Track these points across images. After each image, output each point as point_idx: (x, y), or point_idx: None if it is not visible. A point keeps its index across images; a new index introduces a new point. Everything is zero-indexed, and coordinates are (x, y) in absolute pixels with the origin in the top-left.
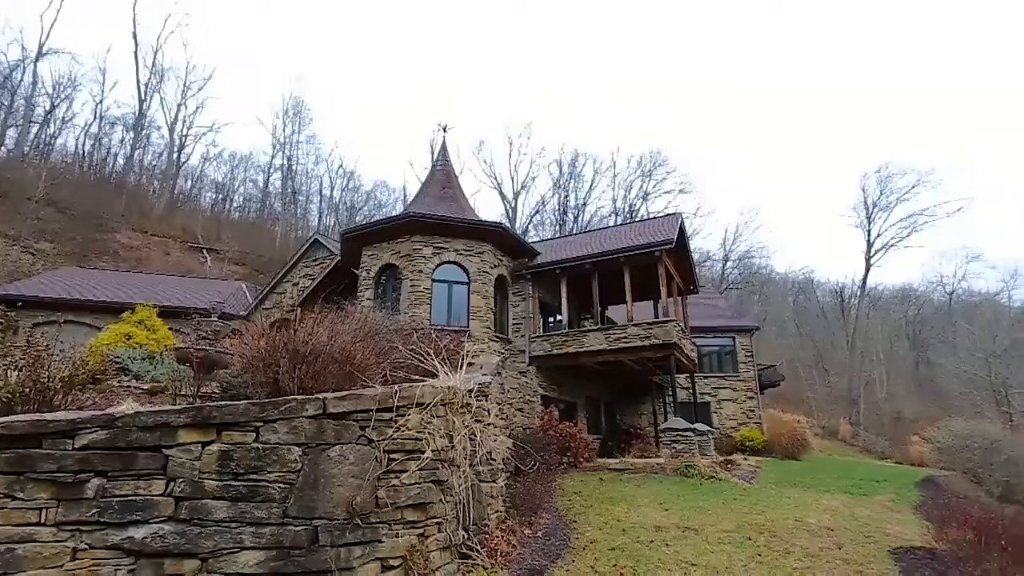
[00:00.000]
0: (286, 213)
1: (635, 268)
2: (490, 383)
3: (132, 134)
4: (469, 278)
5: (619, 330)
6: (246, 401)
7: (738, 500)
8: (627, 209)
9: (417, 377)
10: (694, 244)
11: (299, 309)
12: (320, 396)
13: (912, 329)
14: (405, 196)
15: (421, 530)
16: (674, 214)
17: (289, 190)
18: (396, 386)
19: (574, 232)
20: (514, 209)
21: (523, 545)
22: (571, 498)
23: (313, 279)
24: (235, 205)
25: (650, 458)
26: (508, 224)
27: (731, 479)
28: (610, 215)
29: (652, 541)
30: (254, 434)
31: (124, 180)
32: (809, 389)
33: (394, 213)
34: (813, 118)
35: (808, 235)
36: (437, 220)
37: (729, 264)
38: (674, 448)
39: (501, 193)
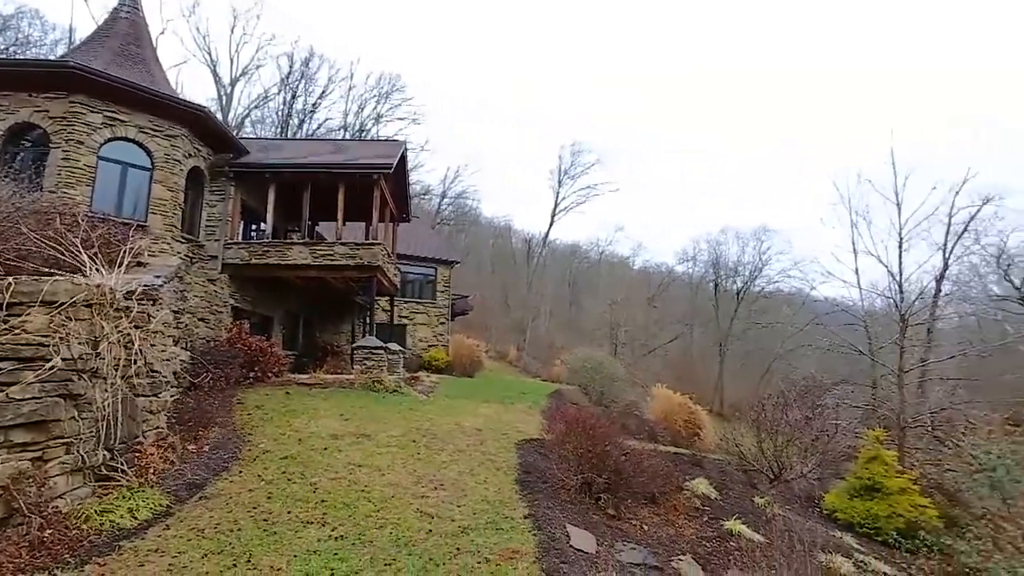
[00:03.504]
0: None
1: (351, 187)
2: (161, 287)
3: None
4: (153, 163)
5: (326, 247)
6: None
7: (413, 410)
8: (358, 126)
9: (54, 272)
10: (416, 177)
11: None
12: None
13: (573, 278)
14: (71, 40)
15: (39, 452)
16: (398, 141)
17: None
18: (9, 279)
19: (298, 138)
20: (229, 97)
21: (184, 461)
22: (251, 412)
23: None
24: None
25: (342, 374)
26: (213, 111)
27: (412, 393)
28: (340, 129)
29: (326, 448)
30: None
31: None
32: (492, 319)
33: (50, 57)
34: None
35: (516, 189)
36: (115, 83)
37: (445, 201)
38: (365, 365)
39: (215, 74)
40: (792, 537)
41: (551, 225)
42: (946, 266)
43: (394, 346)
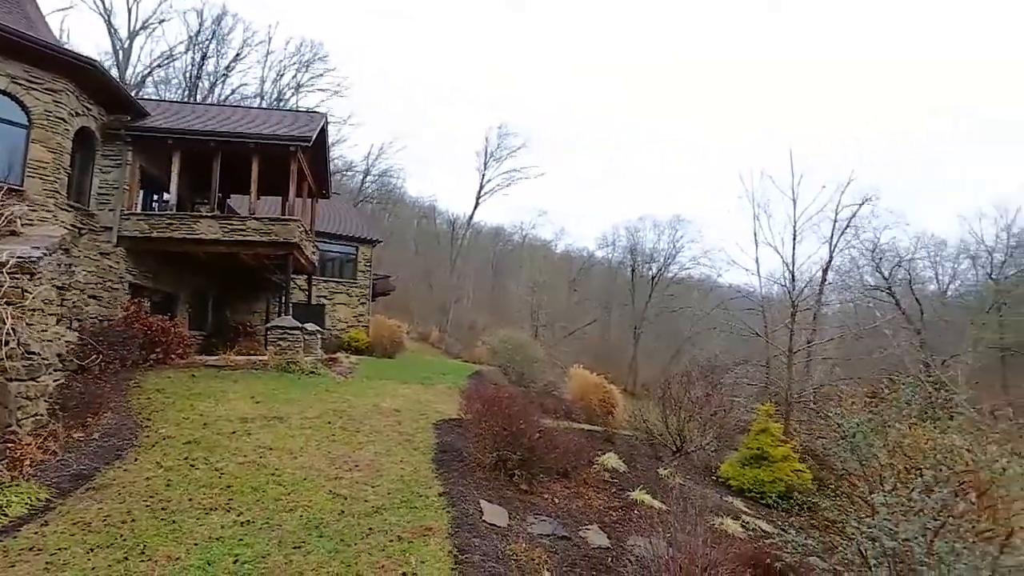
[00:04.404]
0: None
1: (267, 159)
2: (40, 259)
3: None
4: (30, 120)
5: (238, 222)
6: None
7: (330, 392)
8: (275, 95)
9: None
10: (339, 152)
11: None
12: None
13: (496, 260)
14: None
15: None
16: (319, 113)
17: None
18: None
19: (208, 103)
20: (128, 52)
21: (69, 451)
22: (151, 396)
23: None
24: None
25: (255, 355)
26: (106, 66)
27: (330, 374)
28: (255, 96)
29: (234, 432)
30: None
31: None
32: (415, 300)
33: None
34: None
35: (443, 169)
36: None
37: (369, 178)
38: (280, 346)
39: (110, 26)
40: (688, 503)
41: (476, 207)
42: (831, 258)
43: (311, 326)
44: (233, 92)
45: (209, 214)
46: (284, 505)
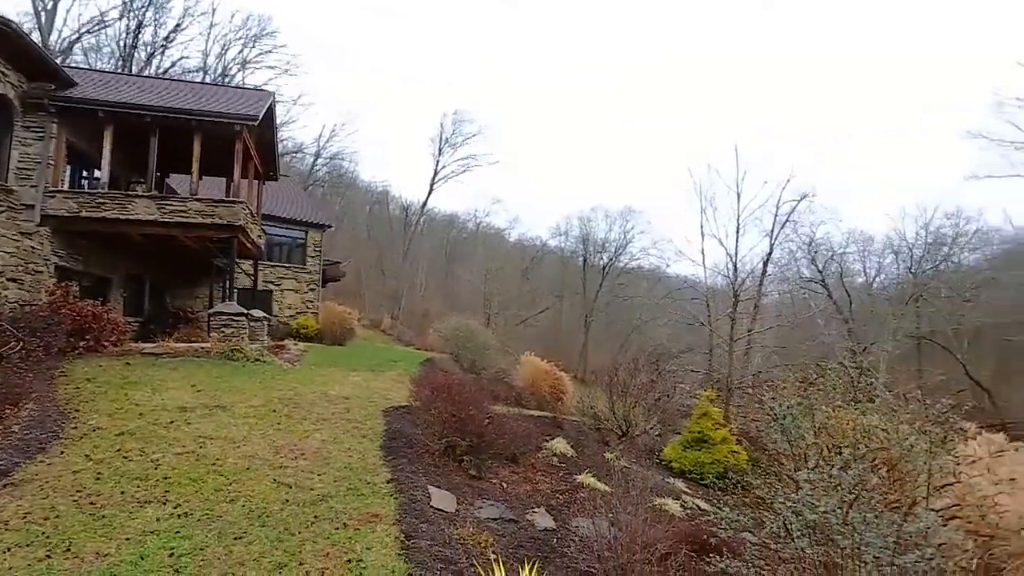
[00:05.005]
0: None
1: (210, 138)
2: None
3: None
4: None
5: (178, 202)
6: None
7: (276, 379)
8: (220, 71)
9: None
10: (287, 133)
11: None
12: None
13: (449, 247)
14: None
15: None
16: (267, 91)
17: None
18: None
19: (146, 75)
20: (51, 15)
21: None
22: (80, 386)
23: None
24: None
25: (197, 343)
26: (25, 29)
27: (276, 362)
28: (198, 71)
29: (172, 422)
30: None
31: None
32: (366, 287)
33: None
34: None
35: (397, 154)
36: None
37: (320, 161)
38: (224, 332)
39: None
40: (630, 485)
41: (430, 193)
42: (771, 250)
43: (257, 312)
44: (173, 65)
45: (146, 194)
46: (225, 496)
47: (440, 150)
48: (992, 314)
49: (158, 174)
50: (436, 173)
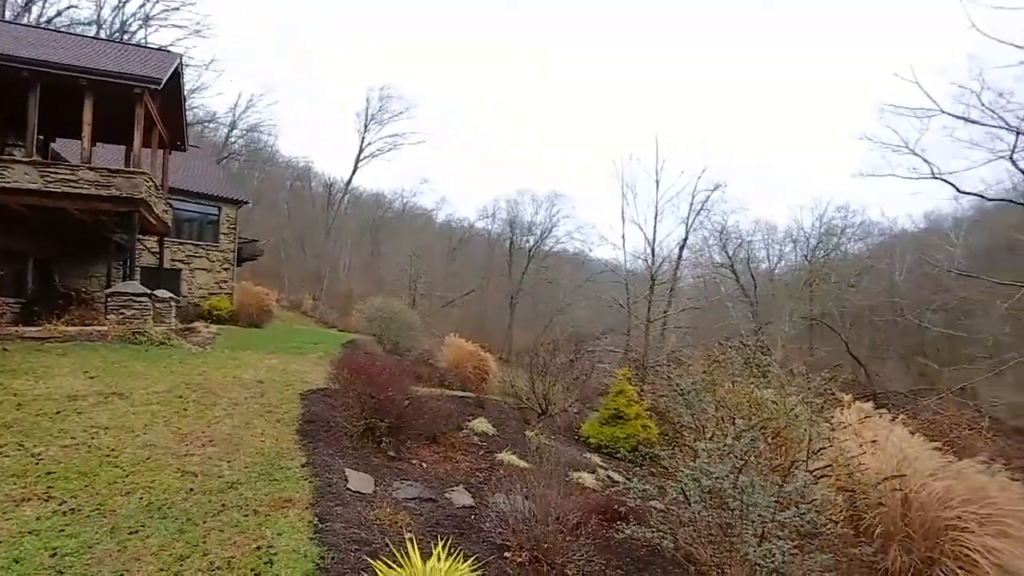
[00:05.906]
0: None
1: (106, 100)
2: None
3: None
4: None
5: (67, 171)
6: None
7: (183, 364)
8: (119, 28)
9: None
10: (199, 100)
11: None
12: None
13: (375, 227)
14: None
15: None
16: (173, 53)
17: None
18: None
19: (23, 23)
20: None
21: None
22: None
23: None
24: None
25: (92, 326)
26: None
27: (185, 345)
28: (90, 24)
29: (59, 412)
30: None
31: None
32: (287, 267)
33: None
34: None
35: (320, 128)
36: None
37: (235, 133)
38: (124, 314)
39: None
40: (545, 460)
41: (355, 170)
42: (687, 236)
43: (163, 293)
44: (59, 15)
45: (25, 159)
46: (120, 489)
47: (366, 126)
48: (869, 297)
49: (41, 138)
50: (361, 150)
